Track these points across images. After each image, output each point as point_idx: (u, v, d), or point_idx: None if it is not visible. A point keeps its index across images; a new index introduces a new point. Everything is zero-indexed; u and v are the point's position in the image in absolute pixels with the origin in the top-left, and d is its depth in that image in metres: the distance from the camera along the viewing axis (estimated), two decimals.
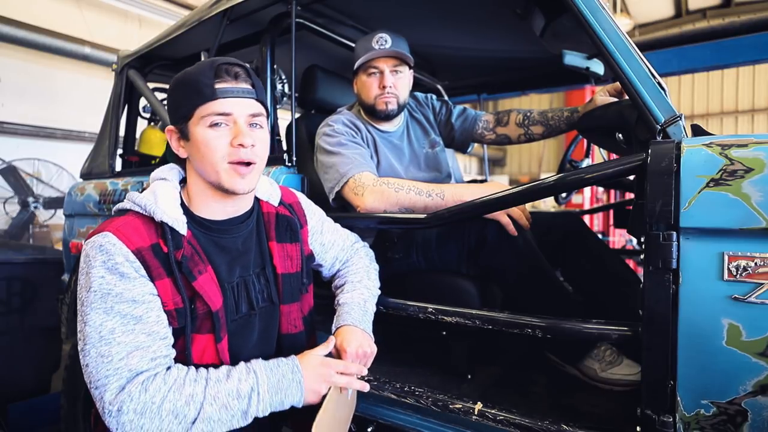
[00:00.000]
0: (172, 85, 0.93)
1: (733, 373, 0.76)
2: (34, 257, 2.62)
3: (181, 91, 0.90)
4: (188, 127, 0.89)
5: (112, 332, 0.78)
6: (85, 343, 0.78)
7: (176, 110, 0.91)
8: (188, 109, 0.88)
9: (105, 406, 0.76)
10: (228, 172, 0.88)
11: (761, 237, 0.74)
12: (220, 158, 0.87)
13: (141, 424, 0.75)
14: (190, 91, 0.88)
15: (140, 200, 0.88)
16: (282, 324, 1.01)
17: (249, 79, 0.91)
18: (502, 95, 2.58)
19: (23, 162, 4.85)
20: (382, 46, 1.44)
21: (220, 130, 0.87)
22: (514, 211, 1.22)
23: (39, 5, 5.44)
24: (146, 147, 2.33)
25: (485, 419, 1.04)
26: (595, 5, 0.96)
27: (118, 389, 0.76)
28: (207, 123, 0.87)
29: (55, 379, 2.58)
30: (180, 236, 0.87)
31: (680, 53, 1.86)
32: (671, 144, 0.83)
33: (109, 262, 0.80)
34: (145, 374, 0.78)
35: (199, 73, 0.88)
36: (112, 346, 0.77)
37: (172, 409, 0.77)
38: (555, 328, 0.98)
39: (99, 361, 0.77)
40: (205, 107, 0.86)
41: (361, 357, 0.99)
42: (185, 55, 2.13)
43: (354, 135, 1.46)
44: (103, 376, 0.76)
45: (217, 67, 0.88)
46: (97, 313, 0.78)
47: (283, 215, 1.06)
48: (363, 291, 1.14)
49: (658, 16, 10.85)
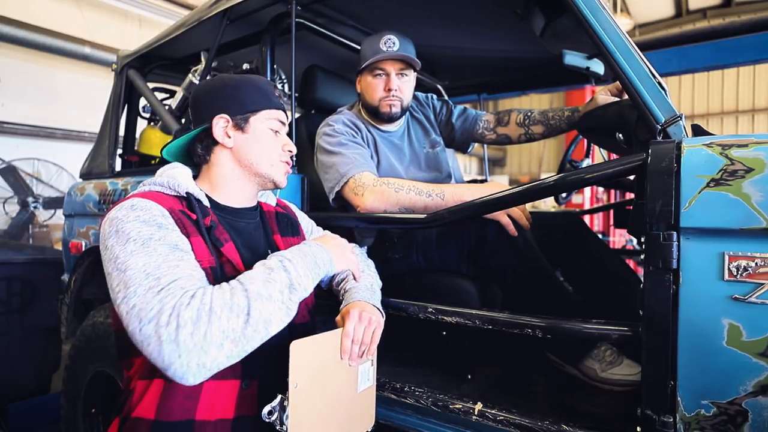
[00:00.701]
0: (238, 81, 1.01)
1: (734, 374, 0.76)
2: (34, 257, 2.62)
3: (249, 90, 1.01)
4: (249, 121, 0.99)
5: (158, 268, 0.76)
6: (127, 288, 0.74)
7: (240, 103, 0.99)
8: (258, 106, 1.00)
9: (162, 334, 0.69)
10: (280, 167, 1.03)
11: (761, 237, 0.74)
12: (277, 155, 1.02)
13: (202, 332, 0.70)
14: (259, 94, 1.01)
15: (160, 180, 0.93)
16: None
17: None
18: (502, 95, 2.58)
19: (23, 162, 4.85)
20: (390, 48, 1.44)
21: (279, 135, 1.03)
22: (514, 211, 1.22)
23: (39, 5, 5.44)
24: (146, 147, 2.32)
25: (485, 419, 1.04)
26: (596, 5, 0.96)
27: (171, 308, 0.71)
28: (272, 126, 1.01)
29: (55, 379, 2.59)
30: (205, 207, 0.93)
31: (680, 53, 1.86)
32: (671, 144, 0.83)
33: (145, 215, 0.82)
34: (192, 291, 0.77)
35: (262, 82, 1.03)
36: (160, 279, 0.75)
37: (223, 304, 0.74)
38: (555, 328, 0.98)
39: (149, 294, 0.73)
40: (274, 112, 1.01)
41: (365, 321, 0.95)
42: (185, 55, 2.13)
43: (354, 135, 1.46)
44: (156, 303, 0.72)
45: (274, 85, 1.06)
46: (139, 257, 0.76)
47: (282, 213, 1.13)
48: (366, 278, 1.14)
49: (658, 15, 10.85)
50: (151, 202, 0.84)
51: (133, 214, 0.81)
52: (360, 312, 0.95)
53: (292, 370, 0.79)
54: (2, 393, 2.39)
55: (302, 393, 0.81)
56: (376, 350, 0.99)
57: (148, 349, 0.70)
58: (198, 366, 0.70)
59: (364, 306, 0.99)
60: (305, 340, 0.83)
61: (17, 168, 4.73)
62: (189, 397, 0.84)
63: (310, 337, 0.84)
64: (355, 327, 0.93)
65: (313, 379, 0.84)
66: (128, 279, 0.75)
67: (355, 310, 0.96)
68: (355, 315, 0.95)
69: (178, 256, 0.79)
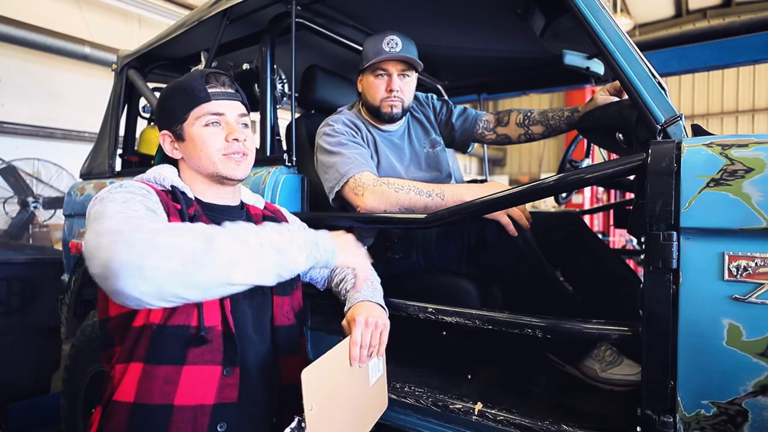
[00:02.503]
0: (164, 94, 1.01)
1: (734, 374, 0.76)
2: (34, 257, 2.62)
3: (175, 98, 0.99)
4: (183, 129, 0.98)
5: (136, 210, 0.78)
6: (97, 222, 0.73)
7: (170, 115, 0.99)
8: (183, 112, 0.97)
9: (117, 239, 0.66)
10: (224, 161, 0.97)
11: (761, 237, 0.74)
12: (215, 151, 0.96)
13: (157, 240, 0.66)
14: (184, 96, 0.97)
15: (146, 176, 0.96)
16: (275, 315, 1.01)
17: (234, 85, 1.02)
18: (502, 95, 2.58)
19: (23, 162, 4.84)
20: (393, 49, 1.43)
21: (215, 128, 0.97)
22: (514, 211, 1.22)
23: (39, 5, 5.44)
24: (146, 147, 2.32)
25: (485, 419, 1.04)
26: (596, 5, 0.96)
27: (135, 220, 0.71)
28: (202, 122, 0.96)
29: (55, 379, 2.59)
30: (190, 199, 0.95)
31: (680, 53, 1.86)
32: (671, 144, 0.83)
33: (130, 189, 0.85)
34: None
35: (191, 80, 0.98)
36: (131, 216, 0.75)
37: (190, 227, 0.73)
38: (555, 328, 0.98)
39: (119, 217, 0.73)
40: (200, 108, 0.96)
41: (371, 326, 0.95)
42: (185, 55, 2.13)
43: (354, 135, 1.46)
44: (123, 219, 0.71)
45: (207, 75, 0.99)
46: (117, 205, 0.77)
47: (269, 216, 1.12)
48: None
49: (658, 16, 10.85)
50: (139, 183, 0.90)
51: (119, 189, 0.85)
52: (366, 318, 0.96)
53: (306, 396, 0.79)
54: (2, 393, 2.39)
55: (318, 413, 0.81)
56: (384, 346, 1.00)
57: (99, 253, 0.66)
58: (138, 271, 0.64)
59: (369, 310, 0.99)
60: (315, 365, 0.81)
61: (17, 168, 4.73)
62: (168, 382, 0.84)
63: (318, 360, 0.82)
64: (363, 334, 0.93)
65: (325, 396, 0.84)
66: (103, 212, 0.76)
67: (361, 316, 0.96)
68: (361, 322, 0.95)
69: (154, 218, 0.80)
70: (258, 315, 0.99)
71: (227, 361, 0.88)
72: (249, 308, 0.97)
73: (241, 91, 1.03)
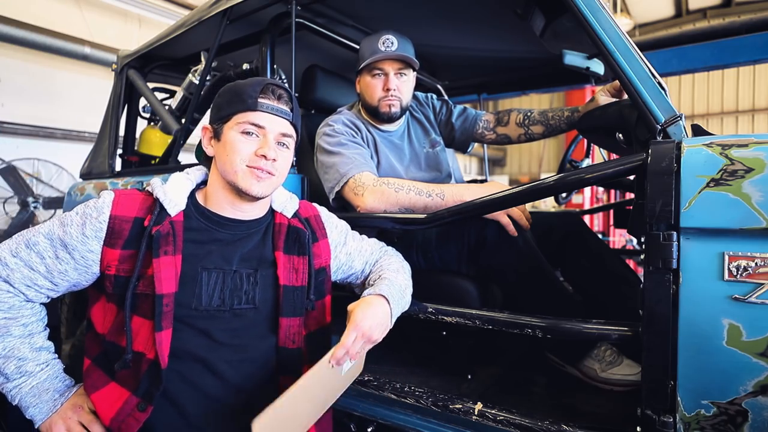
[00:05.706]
0: (222, 90, 1.00)
1: (734, 374, 0.76)
2: None
3: (227, 97, 0.98)
4: (222, 129, 0.97)
5: (35, 245, 0.89)
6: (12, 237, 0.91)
7: (217, 112, 0.98)
8: (228, 113, 0.96)
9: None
10: (245, 173, 0.94)
11: (761, 237, 0.74)
12: (240, 160, 0.94)
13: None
14: (235, 99, 0.96)
15: (154, 182, 0.98)
16: (280, 337, 0.98)
17: (290, 103, 0.99)
18: (502, 95, 2.59)
19: (23, 162, 4.84)
20: (389, 48, 1.43)
21: (250, 138, 0.95)
22: (514, 211, 1.22)
23: (39, 5, 5.44)
24: (146, 147, 2.32)
25: (485, 419, 1.04)
26: (596, 5, 0.96)
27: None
28: (240, 129, 0.95)
29: None
30: (166, 215, 0.92)
31: (680, 53, 1.86)
32: (671, 144, 0.83)
33: (87, 209, 0.92)
34: (7, 286, 0.89)
35: (247, 85, 0.96)
36: (20, 250, 0.89)
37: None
38: (555, 328, 0.98)
39: (3, 248, 0.90)
40: (244, 115, 0.94)
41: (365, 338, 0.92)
42: (185, 55, 2.13)
43: (354, 135, 1.46)
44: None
45: (266, 85, 0.96)
46: (45, 231, 0.91)
47: (295, 227, 1.05)
48: (403, 280, 1.10)
49: (658, 16, 10.84)
50: (106, 204, 0.91)
51: (84, 207, 0.92)
52: (367, 330, 0.92)
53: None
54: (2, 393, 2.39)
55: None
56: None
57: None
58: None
59: (374, 314, 0.95)
60: (267, 413, 0.75)
61: (17, 168, 4.73)
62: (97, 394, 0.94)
63: (270, 408, 0.76)
64: (354, 341, 0.90)
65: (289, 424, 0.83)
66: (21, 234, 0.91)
67: (365, 322, 0.92)
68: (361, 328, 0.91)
69: (51, 256, 0.89)
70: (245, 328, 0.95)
71: (145, 394, 0.87)
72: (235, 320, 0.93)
73: (296, 110, 1.00)
